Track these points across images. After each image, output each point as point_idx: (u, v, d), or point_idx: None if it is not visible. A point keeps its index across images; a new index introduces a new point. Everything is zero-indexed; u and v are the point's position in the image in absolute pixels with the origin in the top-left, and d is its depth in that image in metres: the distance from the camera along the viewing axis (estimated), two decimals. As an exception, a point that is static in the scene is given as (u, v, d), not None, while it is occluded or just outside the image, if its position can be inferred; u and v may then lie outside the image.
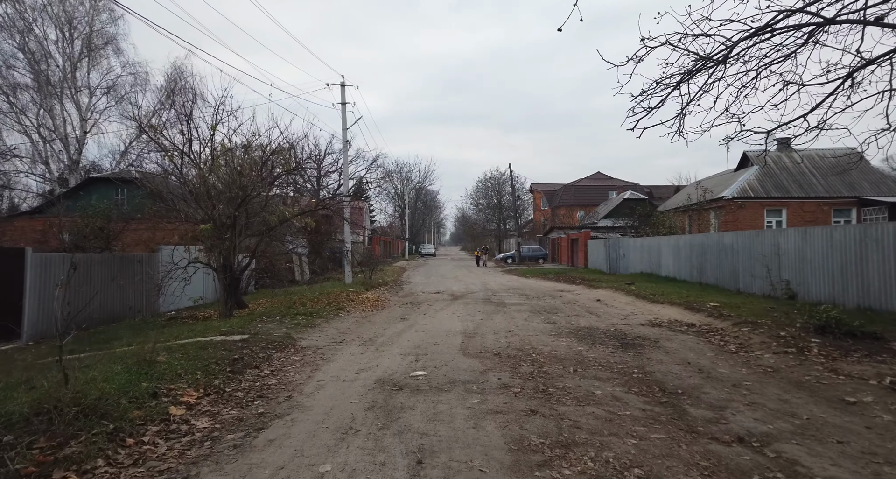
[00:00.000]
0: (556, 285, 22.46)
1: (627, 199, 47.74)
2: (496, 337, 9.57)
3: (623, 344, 8.72)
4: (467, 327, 10.84)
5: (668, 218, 26.78)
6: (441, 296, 18.29)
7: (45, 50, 33.66)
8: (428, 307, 14.89)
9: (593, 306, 14.35)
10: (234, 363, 7.02)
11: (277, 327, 10.55)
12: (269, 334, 9.39)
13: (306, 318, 11.78)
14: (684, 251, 19.68)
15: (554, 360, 7.57)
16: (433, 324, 11.50)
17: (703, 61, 6.69)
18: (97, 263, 13.79)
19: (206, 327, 10.49)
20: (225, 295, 12.82)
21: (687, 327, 10.20)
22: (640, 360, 7.52)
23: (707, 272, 17.74)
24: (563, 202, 62.18)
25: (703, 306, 12.04)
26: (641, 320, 11.65)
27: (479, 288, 21.30)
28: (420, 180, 77.94)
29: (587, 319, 11.99)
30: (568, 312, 13.34)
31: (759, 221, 27.41)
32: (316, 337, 9.78)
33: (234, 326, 10.29)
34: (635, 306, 14.10)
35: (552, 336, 9.62)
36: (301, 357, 7.98)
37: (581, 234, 35.35)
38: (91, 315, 13.39)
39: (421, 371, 6.90)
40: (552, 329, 10.47)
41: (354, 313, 13.33)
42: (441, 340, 9.41)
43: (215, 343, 8.00)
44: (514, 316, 12.57)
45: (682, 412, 5.16)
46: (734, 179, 29.73)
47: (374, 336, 10.03)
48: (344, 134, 21.58)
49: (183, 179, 13.12)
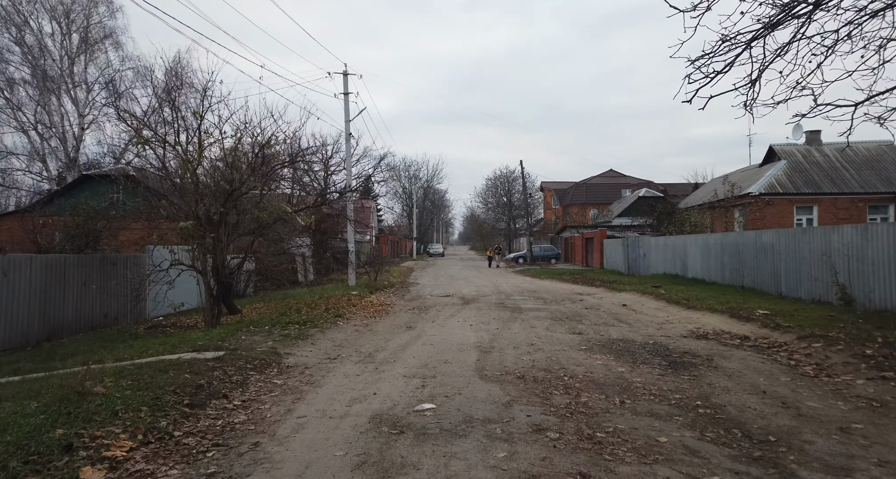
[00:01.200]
0: (574, 287, 20.99)
1: (643, 196, 46.15)
2: (517, 353, 8.15)
3: (671, 363, 7.27)
4: (482, 339, 9.42)
5: (693, 215, 25.19)
6: (451, 300, 16.89)
7: (42, 44, 32.59)
8: (437, 313, 13.50)
9: (621, 313, 12.88)
10: (196, 392, 5.65)
11: (264, 339, 9.18)
12: (251, 349, 8.02)
13: (299, 327, 10.42)
14: (714, 251, 18.13)
15: (592, 386, 6.15)
16: (443, 334, 10.10)
17: (789, 8, 5.24)
18: (73, 265, 12.51)
19: (183, 339, 9.15)
20: (210, 301, 11.48)
21: (740, 341, 8.72)
22: (700, 386, 6.08)
23: (742, 274, 16.20)
24: (574, 200, 60.56)
25: (752, 314, 10.54)
26: (681, 330, 10.18)
27: (491, 291, 19.88)
28: (428, 179, 76.54)
29: (618, 328, 10.53)
30: (593, 319, 11.89)
31: (788, 219, 25.78)
32: (306, 352, 8.40)
33: (215, 338, 8.94)
34: (669, 312, 12.61)
35: (583, 352, 8.19)
36: (284, 381, 6.61)
37: (596, 233, 33.80)
38: (64, 323, 12.13)
39: (428, 404, 5.50)
40: (580, 342, 9.03)
41: (355, 321, 11.95)
42: (452, 356, 8.00)
43: (182, 363, 6.64)
44: (533, 325, 11.14)
45: (792, 477, 3.72)
46: (760, 174, 28.09)
47: (375, 351, 8.64)
48: (346, 126, 20.25)
49: (165, 171, 11.80)
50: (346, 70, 19.94)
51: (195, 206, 11.22)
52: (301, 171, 20.26)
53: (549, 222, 66.65)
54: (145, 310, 15.47)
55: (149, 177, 13.63)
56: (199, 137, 11.93)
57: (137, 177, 14.24)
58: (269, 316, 12.38)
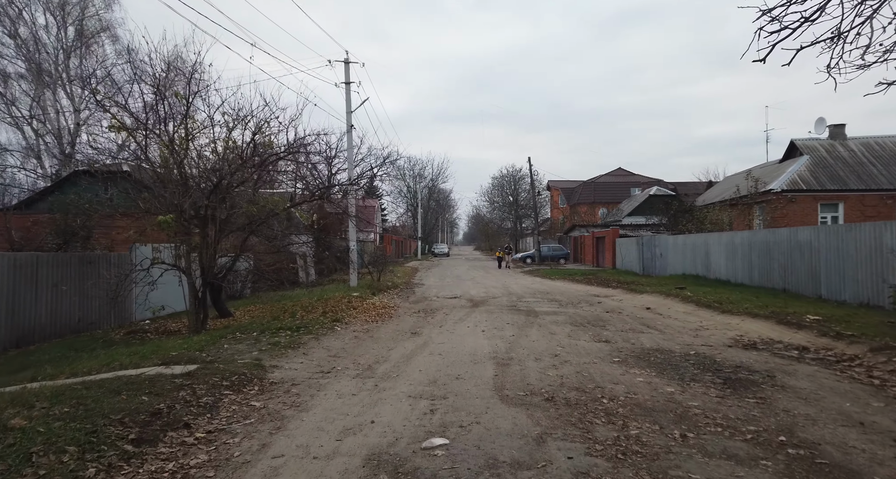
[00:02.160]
0: (589, 288, 19.79)
1: (654, 195, 44.93)
2: (540, 366, 7.00)
3: (726, 381, 6.11)
4: (497, 348, 8.28)
5: (713, 213, 23.94)
6: (458, 302, 15.75)
7: (37, 37, 31.64)
8: (444, 317, 12.36)
9: (647, 318, 11.70)
10: (150, 421, 4.53)
11: (249, 347, 8.06)
12: (231, 362, 6.90)
13: (291, 334, 9.29)
14: (741, 250, 16.91)
15: (640, 412, 4.99)
16: (452, 342, 8.96)
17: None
18: (47, 264, 11.44)
19: (158, 347, 8.05)
20: (195, 304, 10.38)
21: (798, 352, 7.54)
22: (775, 413, 4.91)
23: (774, 274, 14.99)
24: (582, 199, 59.30)
25: (801, 320, 9.35)
26: (722, 338, 9.01)
27: (500, 292, 18.72)
28: (433, 178, 75.33)
29: (649, 336, 9.36)
30: (618, 325, 10.72)
31: (812, 217, 24.51)
32: (296, 364, 7.27)
33: (193, 346, 7.83)
34: (700, 317, 11.43)
35: (617, 365, 7.03)
36: (264, 402, 5.48)
37: (608, 232, 32.58)
38: (36, 328, 11.06)
39: (440, 438, 4.35)
40: (611, 353, 7.87)
41: (354, 327, 10.82)
42: (465, 370, 6.86)
43: (142, 381, 5.53)
44: (553, 331, 9.99)
45: None
46: (781, 170, 26.81)
47: (375, 362, 7.51)
48: (348, 117, 19.12)
49: (147, 160, 10.71)
50: (348, 58, 18.81)
51: (179, 199, 10.12)
52: (305, 168, 19.10)
53: (555, 222, 65.44)
54: (131, 313, 14.42)
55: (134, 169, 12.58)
56: (186, 123, 10.86)
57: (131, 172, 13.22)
58: (260, 320, 11.28)
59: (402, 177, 70.22)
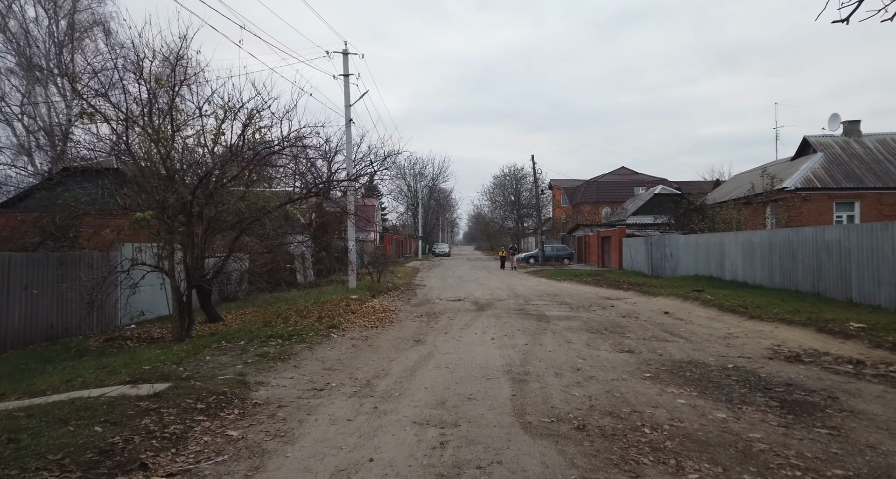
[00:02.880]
0: (599, 290, 18.94)
1: (659, 194, 44.14)
2: (563, 383, 6.15)
3: (783, 404, 5.25)
4: (511, 360, 7.43)
5: (727, 211, 23.06)
6: (463, 305, 14.90)
7: (27, 30, 30.76)
8: (449, 322, 11.52)
9: (668, 323, 10.85)
10: (97, 462, 3.68)
11: (233, 359, 7.21)
12: (210, 378, 6.05)
13: (282, 342, 8.44)
14: (760, 250, 16.06)
15: (692, 446, 4.15)
16: (460, 352, 8.11)
17: None
18: (19, 265, 10.59)
19: (131, 359, 7.20)
20: (179, 309, 9.52)
21: (854, 367, 6.68)
22: (858, 450, 4.07)
23: (797, 276, 14.14)
24: (585, 199, 58.48)
25: (845, 328, 8.50)
26: (756, 347, 8.16)
27: (506, 294, 17.87)
28: (434, 177, 74.41)
29: (675, 344, 8.51)
30: (638, 331, 9.87)
31: (827, 216, 23.66)
32: (285, 380, 6.42)
33: (171, 358, 6.98)
34: (727, 323, 10.58)
35: (650, 382, 6.18)
36: (243, 432, 4.63)
37: (614, 231, 31.72)
38: (9, 333, 10.22)
39: (455, 486, 3.51)
40: (639, 366, 7.02)
41: (352, 333, 9.97)
42: (477, 387, 6.02)
43: (100, 405, 4.68)
44: (569, 338, 9.14)
45: None
46: (793, 168, 25.93)
47: (375, 376, 6.66)
48: (347, 111, 18.24)
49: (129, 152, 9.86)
50: (346, 49, 17.94)
51: (162, 194, 9.27)
52: (302, 164, 18.16)
53: (558, 221, 64.55)
54: (115, 318, 13.56)
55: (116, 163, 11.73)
56: (171, 114, 10.01)
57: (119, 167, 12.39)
58: (251, 326, 10.44)
59: (403, 176, 69.37)
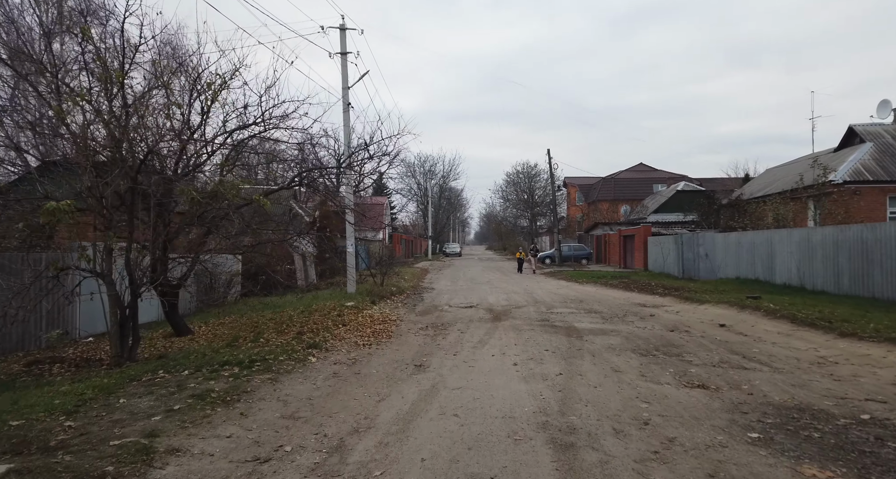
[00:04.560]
0: (629, 295, 16.72)
1: (681, 191, 41.78)
2: (631, 454, 4.03)
3: None
4: (545, 403, 5.33)
5: (773, 207, 20.68)
6: (476, 313, 12.81)
7: (12, 18, 29.12)
8: (459, 336, 9.44)
9: (733, 341, 8.66)
10: None
11: (157, 403, 5.17)
12: (101, 443, 4.01)
13: (237, 373, 6.39)
14: (823, 250, 13.78)
15: None
16: (473, 385, 6.03)
17: None
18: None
19: (14, 403, 5.18)
20: (119, 325, 7.53)
21: None
22: None
23: (874, 281, 11.87)
24: (602, 196, 56.03)
25: None
26: (879, 383, 5.98)
27: (524, 299, 15.75)
28: (444, 175, 72.18)
29: (761, 375, 6.35)
30: (701, 353, 7.72)
31: (879, 212, 21.23)
32: (218, 442, 4.37)
33: (69, 402, 4.97)
34: (810, 342, 8.37)
35: (763, 450, 4.04)
36: None
37: (639, 230, 29.43)
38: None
39: None
40: (729, 414, 4.89)
41: (337, 355, 7.91)
42: (501, 458, 3.92)
43: None
44: (615, 365, 7.01)
45: None
46: (839, 159, 23.47)
47: (352, 432, 4.60)
48: (345, 94, 16.20)
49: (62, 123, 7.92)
50: (344, 24, 15.90)
51: (93, 179, 7.30)
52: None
53: (572, 219, 62.18)
54: (75, 329, 11.64)
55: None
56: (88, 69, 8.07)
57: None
58: (215, 344, 8.45)
59: (413, 174, 67.36)
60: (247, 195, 9.73)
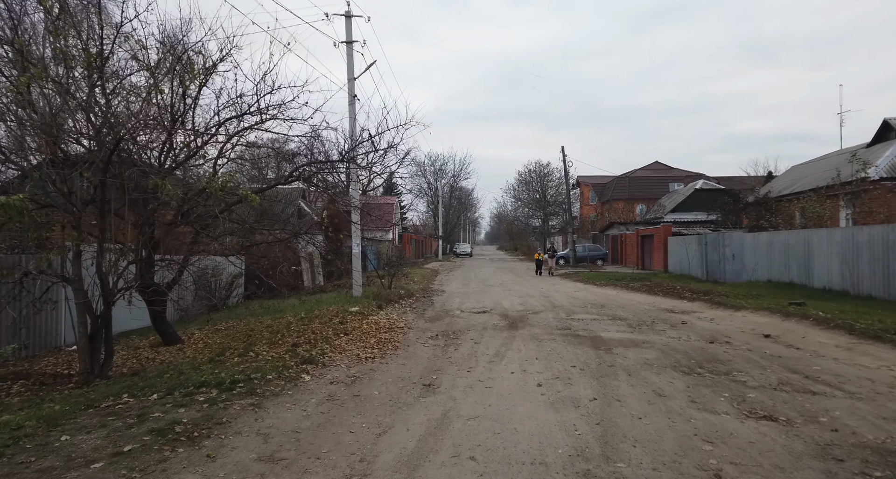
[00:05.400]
0: (653, 299, 15.62)
1: (700, 189, 40.51)
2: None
3: None
4: (582, 442, 4.33)
5: (810, 204, 19.42)
6: (490, 319, 11.81)
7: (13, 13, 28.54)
8: (473, 348, 8.45)
9: (788, 357, 7.58)
10: None
11: (104, 443, 4.23)
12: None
13: (213, 398, 5.44)
14: (869, 251, 12.61)
15: None
16: (493, 415, 5.03)
17: None
18: None
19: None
20: (87, 338, 6.62)
21: None
22: None
23: (933, 286, 10.72)
24: (617, 195, 54.72)
25: None
26: None
27: (540, 304, 14.71)
28: (455, 174, 71.13)
29: (837, 403, 5.29)
30: (754, 372, 6.66)
31: (920, 210, 19.91)
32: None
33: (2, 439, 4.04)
34: (880, 358, 7.26)
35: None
36: None
37: (658, 229, 28.23)
38: None
39: None
40: (821, 462, 3.85)
41: (334, 371, 6.94)
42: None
43: None
44: (657, 386, 5.98)
45: None
46: (874, 155, 22.15)
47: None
48: (350, 85, 15.27)
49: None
50: (349, 11, 14.97)
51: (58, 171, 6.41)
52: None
53: (586, 219, 60.91)
54: (59, 337, 10.82)
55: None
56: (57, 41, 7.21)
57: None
58: (200, 357, 7.53)
59: (423, 173, 66.44)
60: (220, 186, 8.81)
